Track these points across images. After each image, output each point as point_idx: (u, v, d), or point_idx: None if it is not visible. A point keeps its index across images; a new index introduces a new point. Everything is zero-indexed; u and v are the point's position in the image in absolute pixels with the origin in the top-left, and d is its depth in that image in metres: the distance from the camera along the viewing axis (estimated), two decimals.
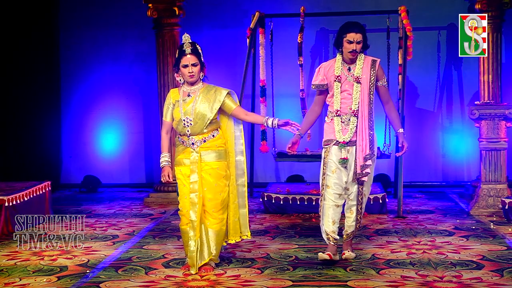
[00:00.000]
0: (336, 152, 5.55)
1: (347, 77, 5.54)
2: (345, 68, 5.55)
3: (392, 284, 4.97)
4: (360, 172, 5.53)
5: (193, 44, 5.34)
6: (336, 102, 5.55)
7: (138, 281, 5.19)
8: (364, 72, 5.53)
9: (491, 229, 6.90)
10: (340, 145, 5.53)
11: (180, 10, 9.06)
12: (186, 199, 5.36)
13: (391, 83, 8.84)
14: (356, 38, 5.48)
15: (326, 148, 5.61)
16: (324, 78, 5.60)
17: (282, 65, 9.40)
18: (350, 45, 5.48)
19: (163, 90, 9.07)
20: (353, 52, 5.49)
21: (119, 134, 10.50)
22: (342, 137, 5.53)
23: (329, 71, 5.59)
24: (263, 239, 6.61)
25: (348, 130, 5.54)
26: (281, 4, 9.87)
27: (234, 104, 5.41)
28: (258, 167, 9.89)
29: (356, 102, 5.51)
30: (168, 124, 5.47)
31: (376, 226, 7.15)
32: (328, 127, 5.65)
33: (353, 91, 5.52)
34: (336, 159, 5.54)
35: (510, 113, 7.67)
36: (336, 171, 5.55)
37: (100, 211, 8.46)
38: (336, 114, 5.56)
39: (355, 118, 5.52)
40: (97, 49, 10.43)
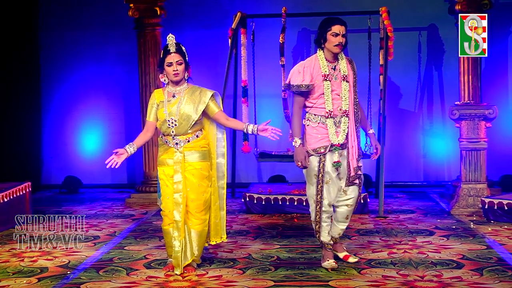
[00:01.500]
0: (330, 157, 5.33)
1: (333, 76, 5.33)
2: (329, 67, 5.34)
3: (373, 284, 4.99)
4: (354, 174, 5.39)
5: (177, 44, 5.34)
6: (328, 103, 5.28)
7: (119, 282, 5.17)
8: (348, 70, 5.39)
9: (471, 228, 6.95)
10: (334, 148, 5.30)
11: (162, 10, 9.04)
12: (169, 199, 5.35)
13: (372, 83, 8.90)
14: (341, 30, 5.27)
15: (320, 157, 5.32)
16: (312, 77, 5.30)
17: (264, 66, 9.41)
18: (336, 38, 5.27)
19: (145, 91, 9.04)
20: (340, 45, 5.28)
21: (100, 135, 10.45)
22: (337, 139, 5.31)
23: (315, 70, 5.31)
24: (244, 240, 6.61)
25: (341, 131, 5.32)
26: (263, 4, 9.88)
27: (216, 108, 5.41)
28: (240, 168, 9.89)
29: (346, 102, 5.31)
30: (151, 124, 5.45)
31: (358, 226, 7.18)
32: (315, 132, 5.34)
33: (342, 90, 5.31)
34: (331, 165, 5.33)
35: (489, 113, 7.73)
36: (330, 181, 5.36)
37: (81, 212, 8.42)
38: (329, 116, 5.29)
39: (347, 118, 5.33)
40: (78, 50, 10.38)
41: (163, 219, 5.44)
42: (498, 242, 6.26)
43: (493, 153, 8.83)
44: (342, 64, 5.38)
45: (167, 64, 5.31)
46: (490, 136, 8.07)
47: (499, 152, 9.40)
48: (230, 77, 9.03)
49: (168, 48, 5.31)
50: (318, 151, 5.33)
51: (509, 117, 9.53)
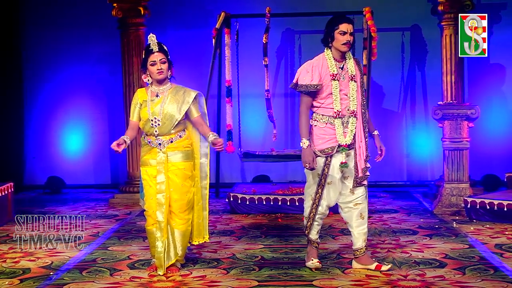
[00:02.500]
0: (337, 159, 5.22)
1: (341, 76, 5.22)
2: (337, 67, 5.22)
3: (357, 283, 5.01)
4: (362, 175, 5.27)
5: (159, 43, 5.33)
6: (337, 103, 5.16)
7: (103, 282, 5.15)
8: (356, 70, 5.28)
9: (453, 227, 6.99)
10: (342, 148, 5.19)
11: (145, 10, 9.01)
12: (152, 199, 5.34)
13: None
14: (349, 28, 5.17)
15: (327, 158, 5.21)
16: (320, 77, 5.18)
17: (247, 66, 9.40)
18: (344, 37, 5.16)
19: (128, 90, 9.02)
20: (348, 43, 5.17)
21: (83, 135, 10.41)
22: (344, 140, 5.20)
23: (323, 69, 5.20)
24: (228, 240, 6.61)
25: (348, 132, 5.21)
26: (247, 4, 9.88)
27: (196, 112, 5.41)
28: (224, 168, 9.88)
29: (355, 102, 5.20)
30: (134, 124, 5.43)
31: (342, 226, 7.18)
32: (323, 132, 5.23)
33: (350, 90, 5.20)
34: (336, 167, 5.21)
35: (472, 113, 7.78)
36: (331, 183, 5.26)
37: (65, 212, 8.38)
38: (338, 116, 5.17)
39: (355, 119, 5.22)
40: (61, 49, 10.32)
41: (147, 219, 5.43)
42: (480, 241, 6.30)
43: (476, 153, 8.88)
44: (350, 63, 5.27)
45: (151, 63, 5.29)
46: (472, 136, 8.12)
47: (481, 152, 9.46)
48: (214, 77, 9.02)
49: (150, 48, 5.30)
50: (325, 152, 5.21)
51: (491, 117, 9.58)
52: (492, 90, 9.87)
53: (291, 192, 8.27)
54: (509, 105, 9.82)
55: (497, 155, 9.83)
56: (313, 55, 10.66)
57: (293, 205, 7.97)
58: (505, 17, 9.74)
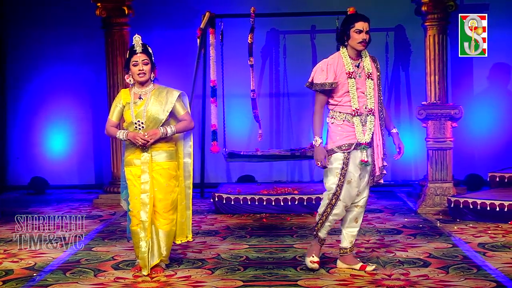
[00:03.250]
0: (357, 156, 5.16)
1: (357, 74, 5.16)
2: (353, 65, 5.16)
3: (342, 282, 5.01)
4: (380, 174, 5.24)
5: (144, 44, 5.31)
6: (354, 100, 5.11)
7: (87, 283, 5.12)
8: (372, 68, 5.23)
9: (437, 227, 7.02)
10: (362, 147, 5.13)
11: (130, 9, 8.98)
12: (136, 199, 5.32)
13: None
14: (365, 27, 5.11)
15: (344, 154, 5.13)
16: (335, 75, 5.12)
17: (232, 66, 9.40)
18: (360, 35, 5.09)
19: (112, 91, 8.98)
20: (363, 42, 5.10)
21: (67, 135, 10.36)
22: (364, 138, 5.14)
23: (338, 68, 5.14)
24: (213, 240, 6.60)
25: (367, 130, 5.15)
26: (232, 4, 9.87)
27: (182, 110, 5.39)
28: (209, 168, 9.88)
29: (372, 100, 5.15)
30: (113, 123, 5.41)
31: None
32: (340, 129, 5.16)
33: (367, 88, 5.15)
34: (355, 164, 5.15)
35: (455, 113, 7.82)
36: (352, 181, 5.16)
37: (48, 213, 8.32)
38: (356, 114, 5.12)
39: (373, 117, 5.16)
40: (45, 49, 10.27)
41: (131, 219, 5.40)
42: (464, 240, 6.34)
43: (459, 152, 8.93)
44: (366, 61, 5.21)
45: (133, 64, 5.27)
46: (456, 136, 8.16)
47: (465, 152, 9.52)
48: (199, 77, 9.01)
49: (134, 48, 5.28)
50: (343, 149, 5.13)
51: (474, 117, 9.65)
52: (475, 90, 9.94)
53: (276, 192, 8.28)
54: (491, 105, 9.88)
55: (480, 154, 9.90)
56: (298, 55, 10.78)
57: (278, 205, 7.98)
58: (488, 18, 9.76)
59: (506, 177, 8.15)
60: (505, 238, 6.40)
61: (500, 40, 9.71)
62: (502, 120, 9.89)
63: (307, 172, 10.21)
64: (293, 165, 10.19)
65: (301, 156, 8.87)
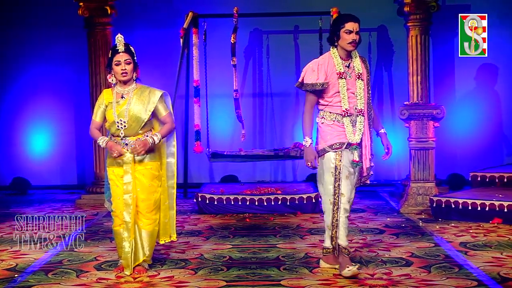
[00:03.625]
0: (348, 155, 5.15)
1: (348, 74, 5.15)
2: (343, 65, 5.15)
3: (325, 282, 5.03)
4: (367, 174, 5.27)
5: (126, 44, 5.30)
6: (345, 101, 5.10)
7: (69, 284, 5.10)
8: (362, 69, 5.21)
9: (420, 226, 7.05)
10: (352, 147, 5.13)
11: (112, 9, 8.95)
12: (119, 200, 5.30)
13: None
14: (355, 27, 5.10)
15: (336, 152, 5.12)
16: (326, 76, 5.11)
17: (215, 66, 9.40)
18: (350, 35, 5.08)
19: (95, 90, 8.95)
20: (354, 42, 5.09)
21: (50, 135, 10.30)
22: (354, 138, 5.14)
23: (329, 68, 5.12)
24: (197, 240, 6.59)
25: (357, 130, 5.15)
26: (215, 4, 9.86)
27: (164, 111, 5.37)
28: (192, 168, 9.86)
29: (362, 101, 5.14)
30: (97, 124, 5.39)
31: (309, 225, 7.22)
32: (330, 129, 5.15)
33: (357, 89, 5.14)
34: (348, 163, 5.14)
35: (437, 113, 7.87)
36: (348, 176, 5.14)
37: (30, 213, 8.27)
38: (346, 114, 5.11)
39: (363, 117, 5.16)
40: (27, 49, 10.20)
41: (114, 220, 5.39)
42: (446, 240, 6.38)
43: (441, 152, 8.99)
44: (356, 62, 5.20)
45: (116, 63, 5.26)
46: (438, 136, 8.21)
47: (447, 151, 9.58)
48: (182, 77, 9.00)
49: (116, 48, 5.26)
50: (334, 147, 5.12)
51: (456, 117, 9.71)
52: (457, 91, 10.00)
53: (259, 192, 8.28)
54: (473, 105, 9.95)
55: (462, 154, 9.97)
56: (281, 55, 10.80)
57: (261, 205, 7.99)
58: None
59: (488, 176, 8.21)
60: (486, 237, 6.45)
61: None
62: (483, 120, 9.96)
63: (290, 172, 10.23)
64: (276, 165, 10.20)
65: (284, 156, 8.88)
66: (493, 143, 9.96)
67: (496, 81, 9.97)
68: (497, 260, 5.55)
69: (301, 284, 4.99)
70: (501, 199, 7.22)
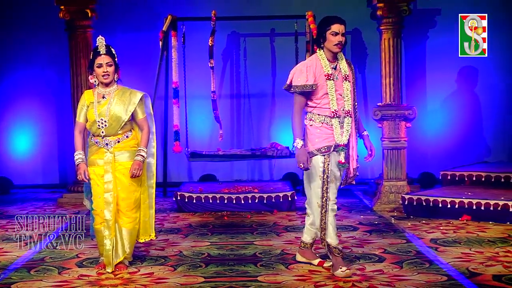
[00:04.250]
0: (335, 158, 5.11)
1: (335, 76, 5.10)
2: (330, 67, 5.10)
3: (300, 278, 5.05)
4: (353, 175, 5.22)
5: (107, 46, 5.28)
6: (333, 102, 5.04)
7: (51, 281, 5.08)
8: (349, 70, 5.17)
9: (392, 223, 7.10)
10: (340, 148, 5.07)
11: (93, 12, 8.89)
12: (100, 198, 5.29)
13: None
14: (341, 29, 5.06)
15: (325, 156, 5.07)
16: (315, 77, 5.05)
17: (194, 68, 9.37)
18: (335, 37, 5.04)
19: (76, 92, 8.89)
20: (339, 44, 5.05)
21: (32, 135, 10.21)
22: (342, 139, 5.08)
23: (317, 70, 5.06)
24: (176, 237, 6.59)
25: (344, 132, 5.08)
26: (193, 7, 9.84)
27: (141, 114, 5.37)
28: (172, 167, 9.83)
29: (349, 102, 5.09)
30: (81, 125, 5.37)
31: (286, 223, 7.24)
32: (319, 132, 5.09)
33: (344, 90, 5.09)
34: (335, 166, 5.12)
35: (409, 114, 7.93)
36: (333, 180, 5.11)
37: (13, 212, 8.21)
38: (335, 116, 5.05)
39: (350, 118, 5.11)
40: (9, 51, 10.10)
41: (95, 218, 5.37)
42: (417, 236, 6.43)
43: (413, 152, 9.05)
44: (343, 63, 5.15)
45: (97, 66, 5.24)
46: (409, 136, 8.27)
47: (418, 151, 9.64)
48: (161, 78, 8.97)
49: (98, 50, 5.25)
50: (322, 151, 5.07)
51: (427, 117, 9.78)
52: (428, 92, 10.07)
53: (237, 191, 8.29)
54: (443, 106, 10.04)
55: (432, 154, 10.05)
56: (258, 57, 10.80)
57: (239, 204, 7.99)
58: (439, 22, 9.95)
59: (457, 175, 8.28)
60: (456, 234, 6.52)
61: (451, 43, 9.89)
62: (453, 120, 10.05)
63: (267, 171, 10.24)
64: (253, 165, 10.21)
65: (261, 156, 8.89)
66: (463, 143, 10.05)
67: (468, 84, 10.05)
68: (466, 256, 5.62)
69: (277, 280, 5.01)
70: (470, 197, 7.30)
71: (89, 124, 5.31)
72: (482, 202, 7.11)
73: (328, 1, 9.92)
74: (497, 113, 10.08)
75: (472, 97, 10.10)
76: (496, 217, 7.02)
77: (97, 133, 5.27)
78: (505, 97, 10.07)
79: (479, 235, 6.42)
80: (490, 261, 5.41)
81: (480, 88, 10.09)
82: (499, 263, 5.37)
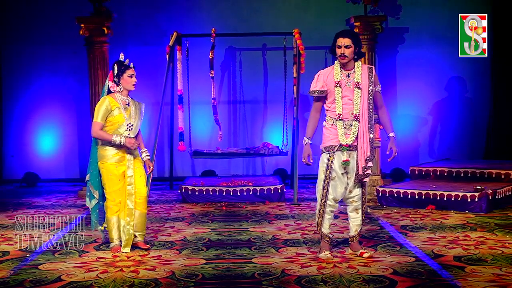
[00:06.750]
0: (339, 156, 5.02)
1: (347, 83, 4.99)
2: (344, 75, 5.00)
3: (289, 259, 5.06)
4: (362, 173, 5.04)
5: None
6: (338, 106, 4.97)
7: (73, 262, 5.07)
8: (363, 78, 4.99)
9: (368, 212, 7.09)
10: (343, 148, 4.99)
11: (109, 29, 8.87)
12: (120, 191, 5.37)
13: (287, 92, 9.01)
14: (343, 42, 4.95)
15: (329, 154, 5.01)
16: (324, 84, 5.01)
17: (196, 77, 9.37)
18: (338, 50, 4.97)
19: (94, 98, 8.85)
20: (342, 56, 4.94)
21: (56, 136, 10.19)
22: (345, 140, 5.00)
23: (328, 77, 5.01)
24: (181, 225, 6.58)
25: (350, 134, 4.99)
26: (196, 25, 9.84)
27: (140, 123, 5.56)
28: (177, 164, 9.82)
29: (357, 107, 4.96)
30: (101, 125, 5.35)
31: (276, 212, 7.24)
32: (329, 132, 5.04)
33: (354, 96, 4.97)
34: (338, 163, 5.02)
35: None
36: (336, 178, 5.02)
37: (39, 203, 8.19)
38: (339, 118, 4.98)
39: (357, 122, 4.98)
40: (35, 63, 10.07)
41: (111, 208, 5.38)
42: (389, 223, 6.44)
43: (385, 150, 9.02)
44: (357, 72, 5.01)
45: (129, 75, 5.34)
46: (383, 136, 8.27)
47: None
48: (168, 87, 8.95)
49: (127, 64, 5.38)
50: (328, 149, 5.02)
51: (398, 120, 9.78)
52: (398, 98, 10.09)
53: (234, 184, 8.29)
54: (412, 111, 10.06)
55: (402, 152, 9.96)
56: (252, 68, 10.78)
57: (235, 195, 7.99)
58: (408, 38, 9.98)
59: (424, 170, 8.31)
60: (422, 221, 6.53)
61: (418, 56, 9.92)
62: (420, 123, 10.09)
63: (259, 167, 10.24)
64: (248, 161, 10.20)
65: (255, 154, 8.92)
66: (428, 143, 10.09)
67: (433, 91, 10.08)
68: (431, 240, 5.64)
69: (269, 262, 5.01)
70: (434, 189, 7.32)
71: (115, 126, 5.31)
72: (445, 193, 7.14)
73: (312, 20, 9.93)
74: (457, 117, 10.11)
75: (437, 103, 10.12)
76: (456, 206, 7.05)
77: (125, 134, 5.31)
78: (465, 102, 10.10)
79: (442, 222, 6.44)
80: (451, 244, 5.43)
81: (444, 95, 10.11)
82: (459, 246, 5.39)
